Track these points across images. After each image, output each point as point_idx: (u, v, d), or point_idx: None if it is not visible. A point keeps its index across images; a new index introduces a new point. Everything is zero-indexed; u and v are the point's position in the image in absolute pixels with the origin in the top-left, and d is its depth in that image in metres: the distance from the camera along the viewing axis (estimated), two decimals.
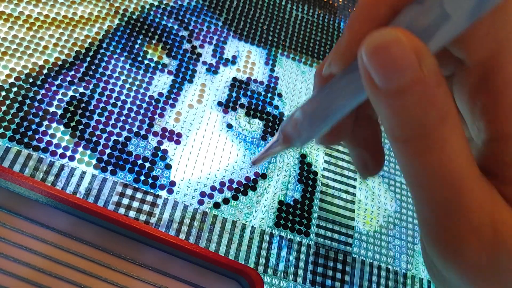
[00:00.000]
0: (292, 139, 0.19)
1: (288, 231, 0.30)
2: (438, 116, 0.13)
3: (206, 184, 0.30)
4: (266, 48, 0.37)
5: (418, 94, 0.13)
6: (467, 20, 0.13)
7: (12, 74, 0.29)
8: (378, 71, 0.13)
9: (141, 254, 0.25)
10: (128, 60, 0.33)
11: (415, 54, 0.13)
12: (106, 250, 0.24)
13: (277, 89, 0.36)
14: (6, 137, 0.27)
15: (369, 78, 0.14)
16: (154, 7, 0.36)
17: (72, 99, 0.30)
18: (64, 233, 0.24)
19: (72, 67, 0.31)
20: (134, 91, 0.32)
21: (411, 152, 0.14)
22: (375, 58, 0.13)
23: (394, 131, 0.14)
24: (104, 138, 0.29)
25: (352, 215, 0.32)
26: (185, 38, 0.35)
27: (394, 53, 0.13)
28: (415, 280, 0.31)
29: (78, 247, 0.24)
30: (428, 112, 0.13)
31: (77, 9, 0.33)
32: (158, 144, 0.30)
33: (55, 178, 0.27)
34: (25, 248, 0.23)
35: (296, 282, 0.29)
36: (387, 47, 0.13)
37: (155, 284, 0.24)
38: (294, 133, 0.19)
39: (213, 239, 0.28)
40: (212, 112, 0.33)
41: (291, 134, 0.19)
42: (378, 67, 0.13)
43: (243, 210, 0.30)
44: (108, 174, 0.28)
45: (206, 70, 0.35)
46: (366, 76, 0.14)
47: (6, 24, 0.31)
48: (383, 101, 0.14)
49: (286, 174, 0.32)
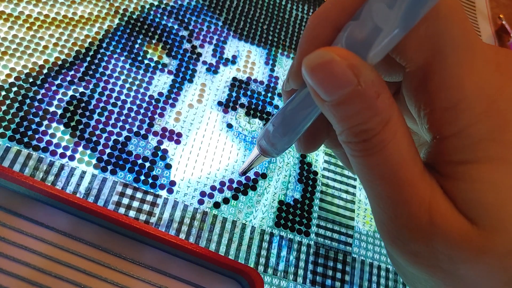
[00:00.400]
0: (268, 151, 0.21)
1: (288, 231, 0.30)
2: (379, 122, 0.15)
3: (206, 184, 0.30)
4: (266, 48, 0.38)
5: (357, 105, 0.15)
6: (399, 31, 0.14)
7: (12, 74, 0.29)
8: (320, 86, 0.15)
9: (141, 254, 0.25)
10: (128, 60, 0.33)
11: (351, 70, 0.14)
12: (106, 249, 0.24)
13: (277, 89, 0.36)
14: (6, 136, 0.27)
15: (315, 92, 0.16)
16: (154, 7, 0.36)
17: (72, 99, 0.30)
18: (64, 233, 0.24)
19: (72, 67, 0.31)
20: (134, 91, 0.32)
21: (357, 154, 0.16)
22: (314, 77, 0.15)
23: (342, 137, 0.16)
24: (104, 138, 0.29)
25: (352, 215, 0.32)
26: (185, 38, 0.35)
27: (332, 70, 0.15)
28: None
29: (78, 247, 0.24)
30: (369, 120, 0.15)
31: (77, 9, 0.33)
32: (158, 144, 0.30)
33: (55, 178, 0.27)
34: (25, 248, 0.23)
35: (296, 282, 0.29)
36: (323, 66, 0.15)
37: (155, 283, 0.24)
38: (268, 145, 0.21)
39: (213, 239, 0.28)
40: (212, 112, 0.33)
41: (266, 147, 0.21)
42: (319, 83, 0.15)
43: (243, 210, 0.30)
44: (108, 173, 0.28)
45: (206, 70, 0.35)
46: (312, 90, 0.16)
47: (6, 24, 0.31)
48: (329, 112, 0.16)
49: (286, 174, 0.32)
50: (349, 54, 0.15)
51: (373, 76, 0.15)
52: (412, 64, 0.16)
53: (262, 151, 0.22)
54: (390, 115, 0.15)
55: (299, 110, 0.18)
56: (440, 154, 0.16)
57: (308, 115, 0.18)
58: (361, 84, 0.14)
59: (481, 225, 0.15)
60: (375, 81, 0.15)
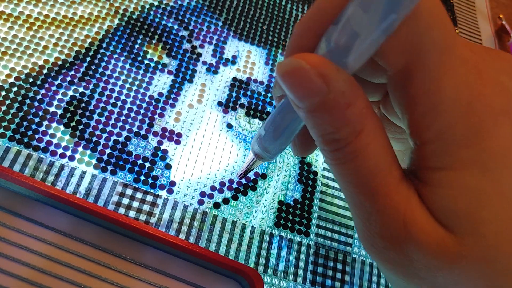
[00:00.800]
0: (261, 155, 0.21)
1: (288, 231, 0.30)
2: (351, 132, 0.15)
3: (206, 184, 0.30)
4: (266, 48, 0.38)
5: (327, 115, 0.15)
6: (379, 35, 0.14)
7: (12, 74, 0.29)
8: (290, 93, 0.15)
9: (141, 254, 0.25)
10: (128, 60, 0.33)
11: (321, 79, 0.14)
12: (106, 250, 0.24)
13: None
14: (6, 137, 0.27)
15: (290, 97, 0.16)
16: (154, 7, 0.36)
17: (72, 99, 0.30)
18: (64, 233, 0.24)
19: (72, 67, 0.31)
20: (134, 91, 0.32)
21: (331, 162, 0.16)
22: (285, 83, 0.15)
23: (317, 144, 0.16)
24: (104, 138, 0.29)
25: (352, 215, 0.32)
26: (185, 38, 0.35)
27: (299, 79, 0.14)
28: None
29: (78, 247, 0.24)
30: (340, 129, 0.15)
31: (77, 9, 0.33)
32: (158, 144, 0.30)
33: (55, 178, 0.27)
34: (25, 248, 0.23)
35: (296, 282, 0.29)
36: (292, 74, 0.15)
37: (155, 284, 0.24)
38: (261, 149, 0.21)
39: (213, 239, 0.28)
40: (212, 112, 0.33)
41: (259, 152, 0.21)
42: (289, 90, 0.15)
43: (243, 210, 0.30)
44: (108, 174, 0.28)
45: (206, 70, 0.35)
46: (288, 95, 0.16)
47: (6, 24, 0.31)
48: (303, 118, 0.16)
49: (286, 174, 0.32)
50: (322, 62, 0.14)
51: (345, 86, 0.14)
52: (394, 67, 0.16)
53: (256, 155, 0.22)
54: (362, 126, 0.15)
55: (287, 115, 0.18)
56: (419, 160, 0.16)
57: (297, 120, 0.18)
58: (331, 94, 0.14)
59: (456, 232, 0.15)
60: (347, 91, 0.15)
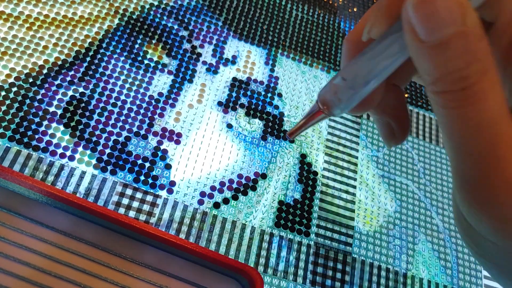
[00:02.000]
0: (332, 107, 0.19)
1: (288, 231, 0.30)
2: (480, 70, 0.14)
3: (206, 184, 0.30)
4: (266, 48, 0.38)
5: (461, 47, 0.14)
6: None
7: (12, 74, 0.29)
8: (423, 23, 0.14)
9: (141, 254, 0.25)
10: (128, 60, 0.33)
11: (459, 9, 0.13)
12: (106, 249, 0.24)
13: (277, 89, 0.36)
14: (6, 137, 0.27)
15: (413, 31, 0.14)
16: (154, 7, 0.36)
17: (72, 99, 0.30)
18: (64, 233, 0.24)
19: (72, 67, 0.31)
20: (134, 91, 0.32)
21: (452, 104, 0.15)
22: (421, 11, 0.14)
23: (436, 85, 0.15)
24: (104, 138, 0.29)
25: (352, 215, 0.32)
26: (185, 38, 0.35)
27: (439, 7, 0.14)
28: (415, 280, 0.31)
29: (78, 247, 0.24)
30: (471, 65, 0.14)
31: (77, 9, 0.33)
32: (158, 144, 0.30)
33: (55, 178, 0.27)
34: (25, 248, 0.23)
35: (296, 282, 0.28)
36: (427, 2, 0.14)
37: (155, 283, 0.24)
38: (334, 100, 0.19)
39: (213, 239, 0.28)
40: (212, 112, 0.33)
41: (331, 102, 0.19)
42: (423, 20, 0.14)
43: (243, 210, 0.30)
44: (108, 174, 0.28)
45: (206, 70, 0.35)
46: (410, 30, 0.14)
47: (6, 24, 0.31)
48: (426, 55, 0.14)
49: (286, 174, 0.32)
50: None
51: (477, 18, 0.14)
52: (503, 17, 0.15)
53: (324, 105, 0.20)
54: (490, 64, 0.14)
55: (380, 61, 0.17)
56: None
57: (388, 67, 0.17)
58: (467, 25, 0.14)
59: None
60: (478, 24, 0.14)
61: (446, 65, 0.14)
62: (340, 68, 0.19)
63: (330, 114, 0.20)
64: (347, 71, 0.18)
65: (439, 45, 0.14)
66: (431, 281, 0.31)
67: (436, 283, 0.31)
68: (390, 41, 0.17)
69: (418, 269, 0.31)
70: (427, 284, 0.31)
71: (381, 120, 0.22)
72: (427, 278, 0.31)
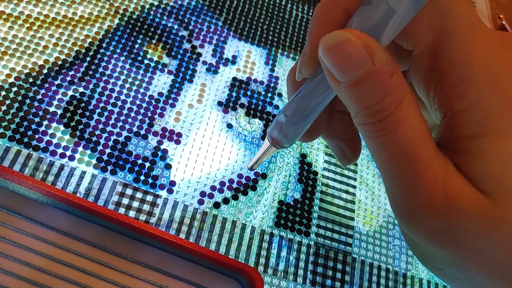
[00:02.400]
0: (280, 141, 0.21)
1: (288, 231, 0.30)
2: (393, 102, 0.15)
3: (206, 184, 0.30)
4: (266, 48, 0.38)
5: (373, 84, 0.15)
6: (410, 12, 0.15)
7: (12, 74, 0.29)
8: (335, 67, 0.16)
9: (141, 253, 0.25)
10: (128, 60, 0.33)
11: (366, 50, 0.15)
12: (106, 249, 0.24)
13: (277, 89, 0.36)
14: (6, 136, 0.27)
15: (330, 74, 0.16)
16: (154, 7, 0.36)
17: (72, 99, 0.30)
18: (64, 233, 0.24)
19: (72, 67, 0.31)
20: (134, 91, 0.32)
21: (372, 134, 0.16)
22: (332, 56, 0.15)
23: (357, 118, 0.17)
24: (104, 138, 0.29)
25: (352, 215, 0.32)
26: (185, 38, 0.35)
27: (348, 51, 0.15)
28: (415, 280, 0.31)
29: (78, 247, 0.24)
30: (384, 99, 0.15)
31: (77, 9, 0.33)
32: (158, 144, 0.30)
33: (55, 178, 0.27)
34: (25, 248, 0.23)
35: (296, 282, 0.28)
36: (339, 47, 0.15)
37: (155, 283, 0.24)
38: (281, 135, 0.21)
39: (213, 239, 0.28)
40: (212, 112, 0.33)
41: (278, 137, 0.21)
42: (335, 64, 0.15)
43: (243, 210, 0.30)
44: (108, 174, 0.28)
45: (206, 70, 0.35)
46: (327, 72, 0.16)
47: (6, 24, 0.31)
48: (344, 93, 0.16)
49: (286, 174, 0.32)
50: (363, 35, 0.15)
51: (386, 56, 0.15)
52: (420, 45, 0.17)
53: (273, 142, 0.22)
54: (403, 95, 0.15)
55: (313, 98, 0.19)
56: (452, 130, 0.17)
57: (322, 102, 0.19)
58: (375, 64, 0.15)
59: (495, 197, 0.15)
60: (388, 61, 0.15)
61: (362, 101, 0.16)
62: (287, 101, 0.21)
63: (280, 147, 0.22)
64: (287, 109, 0.20)
65: (353, 85, 0.15)
66: (430, 281, 0.31)
67: (435, 283, 0.31)
68: (319, 80, 0.18)
69: (418, 269, 0.32)
70: (427, 284, 0.31)
71: (332, 142, 0.24)
72: (426, 278, 0.31)
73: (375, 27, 0.15)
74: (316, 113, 0.19)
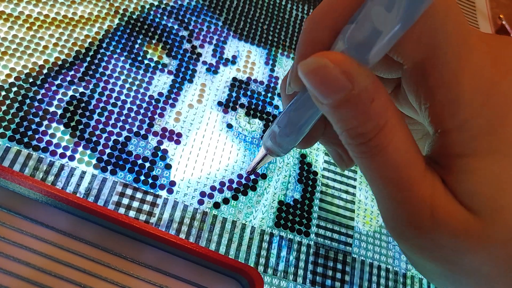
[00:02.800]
0: (274, 151, 0.22)
1: (288, 231, 0.30)
2: (375, 127, 0.15)
3: (206, 184, 0.30)
4: (266, 48, 0.38)
5: (353, 109, 0.15)
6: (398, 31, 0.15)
7: (12, 74, 0.29)
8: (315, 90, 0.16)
9: (141, 253, 0.25)
10: (128, 60, 0.33)
11: (345, 76, 0.15)
12: (106, 249, 0.24)
13: (277, 89, 0.36)
14: (6, 137, 0.27)
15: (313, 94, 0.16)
16: (154, 7, 0.36)
17: (72, 99, 0.30)
18: (64, 233, 0.24)
19: (72, 67, 0.31)
20: (134, 91, 0.32)
21: (357, 156, 0.16)
22: (309, 81, 0.15)
23: (342, 137, 0.17)
24: (104, 138, 0.29)
25: (352, 215, 0.32)
26: (185, 38, 0.35)
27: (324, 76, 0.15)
28: (415, 280, 0.31)
29: (78, 247, 0.24)
30: (365, 124, 0.15)
31: (77, 9, 0.33)
32: (158, 144, 0.30)
33: (55, 178, 0.27)
34: (25, 248, 0.23)
35: (296, 282, 0.28)
36: (316, 72, 0.15)
37: (155, 283, 0.24)
38: (275, 145, 0.21)
39: (213, 239, 0.28)
40: (212, 112, 0.33)
41: (273, 147, 0.21)
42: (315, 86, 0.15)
43: (243, 210, 0.30)
44: (108, 174, 0.28)
45: (206, 70, 0.35)
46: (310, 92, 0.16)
47: (6, 24, 0.31)
48: (327, 113, 0.16)
49: (286, 174, 0.32)
50: (344, 60, 0.15)
51: (368, 81, 0.15)
52: (410, 61, 0.17)
53: (268, 151, 0.22)
54: (386, 120, 0.15)
55: (303, 111, 0.19)
56: (441, 148, 0.17)
57: (312, 115, 0.19)
58: (355, 89, 0.15)
59: (481, 215, 0.16)
60: (370, 86, 0.15)
61: (344, 123, 0.16)
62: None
63: (275, 155, 0.22)
64: (280, 120, 0.20)
65: (334, 107, 0.16)
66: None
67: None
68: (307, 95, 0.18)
69: None
70: (427, 284, 0.31)
71: (329, 148, 0.24)
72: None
73: (362, 45, 0.15)
74: (308, 125, 0.19)
